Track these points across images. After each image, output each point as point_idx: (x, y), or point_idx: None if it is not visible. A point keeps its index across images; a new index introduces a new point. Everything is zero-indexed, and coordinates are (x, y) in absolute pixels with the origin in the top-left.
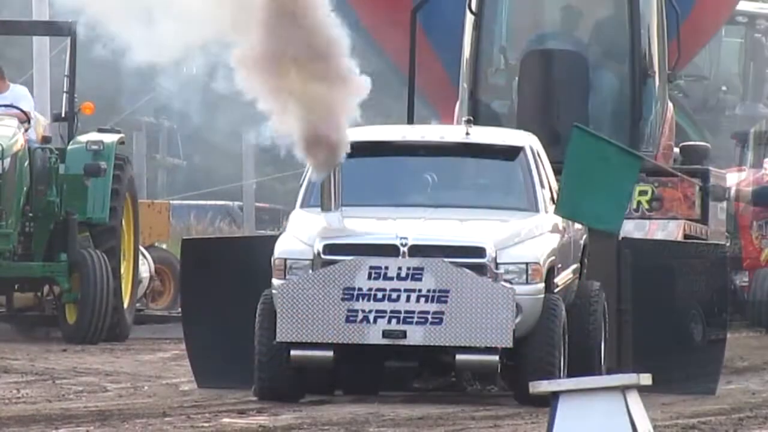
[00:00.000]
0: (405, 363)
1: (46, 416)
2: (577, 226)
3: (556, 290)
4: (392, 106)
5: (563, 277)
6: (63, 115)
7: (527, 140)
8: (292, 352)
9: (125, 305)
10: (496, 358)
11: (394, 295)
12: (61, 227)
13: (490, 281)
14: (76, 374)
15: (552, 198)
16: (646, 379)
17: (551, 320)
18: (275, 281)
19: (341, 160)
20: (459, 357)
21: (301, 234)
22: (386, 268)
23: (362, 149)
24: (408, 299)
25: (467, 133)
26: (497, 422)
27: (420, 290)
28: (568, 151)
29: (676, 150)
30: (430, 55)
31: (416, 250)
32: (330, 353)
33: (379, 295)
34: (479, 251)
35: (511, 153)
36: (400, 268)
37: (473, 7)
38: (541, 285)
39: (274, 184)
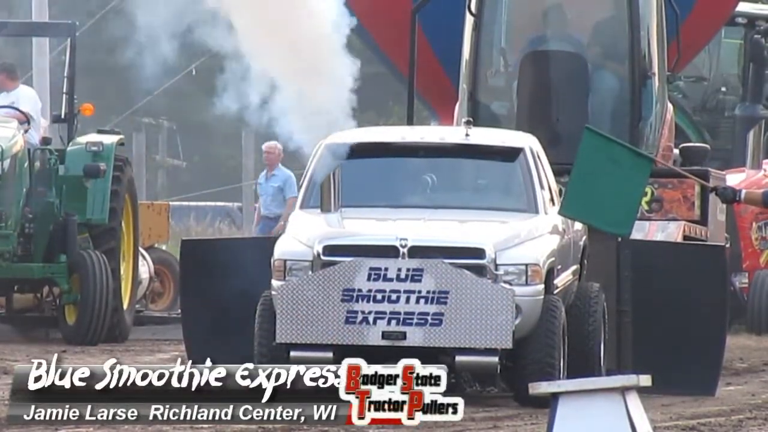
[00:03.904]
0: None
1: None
2: (577, 227)
3: (555, 291)
4: (392, 107)
5: (563, 279)
6: (63, 116)
7: (527, 141)
8: (292, 354)
9: (125, 306)
10: (496, 359)
11: (393, 297)
12: (60, 228)
13: (490, 282)
14: None
15: (552, 199)
16: (645, 380)
17: (551, 321)
18: (275, 282)
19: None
20: (459, 358)
21: (300, 235)
22: (386, 269)
23: (362, 150)
24: (408, 300)
25: (467, 135)
26: (497, 423)
27: (420, 291)
28: (578, 152)
29: (676, 151)
30: (430, 56)
31: (416, 251)
32: (330, 354)
33: (379, 296)
34: (479, 252)
35: (510, 154)
36: (399, 270)
37: (473, 8)
38: (541, 286)
39: None
